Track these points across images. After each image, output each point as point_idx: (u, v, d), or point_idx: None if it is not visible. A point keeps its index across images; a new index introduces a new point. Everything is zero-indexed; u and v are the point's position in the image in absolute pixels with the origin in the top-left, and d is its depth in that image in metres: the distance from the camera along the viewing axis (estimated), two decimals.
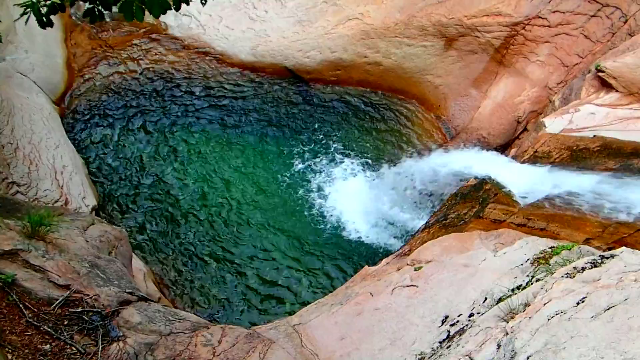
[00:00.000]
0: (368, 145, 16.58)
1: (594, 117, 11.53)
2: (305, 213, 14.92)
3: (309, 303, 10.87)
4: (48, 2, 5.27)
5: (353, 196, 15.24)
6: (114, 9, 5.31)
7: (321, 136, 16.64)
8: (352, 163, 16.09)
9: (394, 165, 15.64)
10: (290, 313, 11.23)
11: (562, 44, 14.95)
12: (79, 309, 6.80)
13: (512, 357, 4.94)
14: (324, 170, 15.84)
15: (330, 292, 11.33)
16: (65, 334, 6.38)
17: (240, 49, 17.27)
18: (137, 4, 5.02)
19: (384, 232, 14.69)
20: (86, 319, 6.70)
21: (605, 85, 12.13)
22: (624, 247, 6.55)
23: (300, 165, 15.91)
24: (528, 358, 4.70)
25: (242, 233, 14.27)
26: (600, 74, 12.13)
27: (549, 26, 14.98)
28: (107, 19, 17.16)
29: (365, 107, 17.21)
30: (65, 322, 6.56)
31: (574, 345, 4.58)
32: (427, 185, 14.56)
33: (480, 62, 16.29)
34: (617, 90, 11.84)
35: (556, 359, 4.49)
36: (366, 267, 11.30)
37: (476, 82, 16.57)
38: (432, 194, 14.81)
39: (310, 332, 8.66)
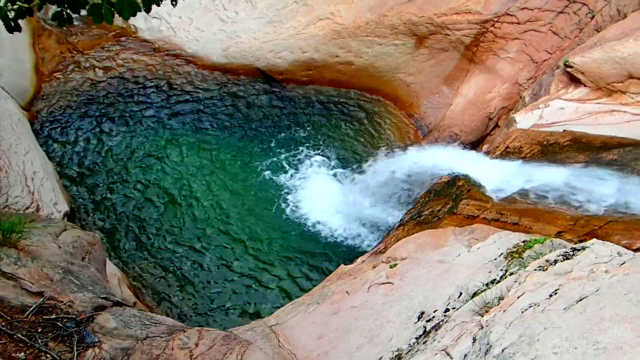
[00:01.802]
0: (341, 144, 16.61)
1: (563, 112, 11.66)
2: (280, 213, 14.91)
3: (286, 303, 10.87)
4: (15, 6, 5.21)
5: (326, 195, 15.25)
6: (83, 11, 5.25)
7: (294, 136, 16.64)
8: (325, 162, 16.10)
9: (367, 164, 15.67)
10: (267, 313, 11.23)
11: (531, 40, 15.11)
12: (53, 316, 6.73)
13: (487, 351, 4.97)
14: (297, 170, 15.84)
15: (307, 291, 11.34)
16: (40, 341, 6.30)
17: (211, 51, 17.23)
18: (106, 6, 4.97)
19: (358, 230, 14.72)
20: (61, 325, 6.62)
21: (574, 80, 12.27)
22: (594, 239, 6.62)
23: (274, 166, 15.89)
24: (503, 351, 4.74)
25: (216, 235, 14.23)
26: (568, 69, 12.27)
27: (517, 23, 15.13)
28: (76, 23, 17.01)
29: (337, 107, 17.24)
30: (40, 330, 6.48)
31: (548, 336, 4.63)
32: (401, 182, 14.61)
33: (451, 59, 16.40)
34: (585, 85, 11.98)
35: (531, 351, 4.53)
36: (342, 265, 11.33)
37: (447, 80, 16.67)
38: (406, 191, 14.87)
39: (288, 332, 8.66)
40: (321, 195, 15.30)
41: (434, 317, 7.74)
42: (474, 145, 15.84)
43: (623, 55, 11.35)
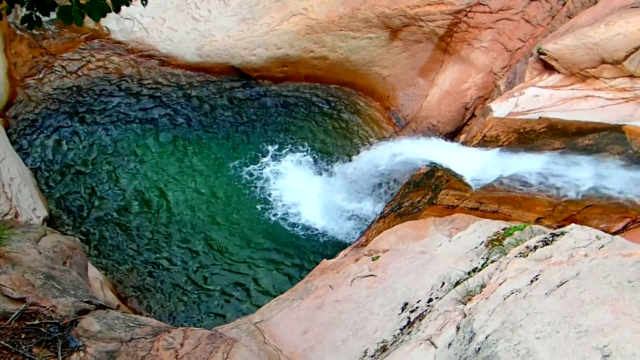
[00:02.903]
0: (319, 139, 16.62)
1: (538, 99, 11.74)
2: (260, 211, 14.91)
3: (270, 300, 10.87)
4: None
5: (306, 191, 15.26)
6: (53, 14, 5.22)
7: (272, 133, 16.61)
8: (304, 158, 16.12)
9: (346, 158, 15.71)
10: (252, 311, 11.22)
11: (504, 29, 15.19)
12: (36, 322, 6.68)
13: (471, 338, 5.01)
14: (276, 167, 15.83)
15: (290, 287, 11.36)
16: (24, 347, 6.26)
17: (185, 50, 17.13)
18: (76, 8, 4.94)
19: (339, 224, 14.76)
20: (44, 330, 6.58)
21: (547, 67, 12.35)
22: (573, 224, 6.68)
23: (252, 164, 15.87)
24: (487, 338, 4.77)
25: (197, 235, 14.20)
26: (542, 56, 12.35)
27: (490, 12, 15.21)
28: (48, 26, 16.85)
29: (314, 102, 17.24)
30: (23, 336, 6.44)
31: (530, 322, 4.67)
32: (380, 175, 14.65)
33: (426, 51, 16.45)
34: (559, 72, 12.07)
35: (514, 337, 4.57)
36: (324, 260, 11.34)
37: (423, 71, 16.73)
38: (385, 184, 14.92)
39: (273, 329, 8.67)
40: (299, 190, 15.31)
41: (417, 307, 7.78)
42: (452, 135, 15.92)
43: (595, 40, 11.45)
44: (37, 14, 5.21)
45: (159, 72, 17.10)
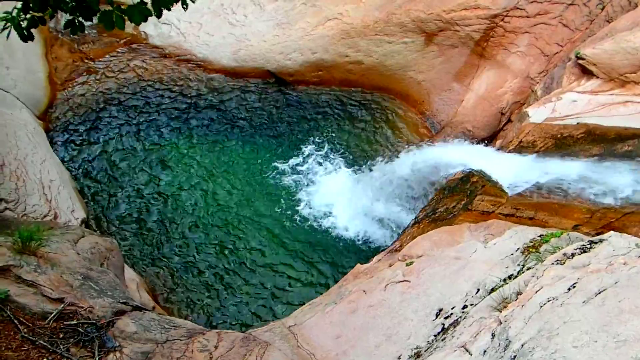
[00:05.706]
0: (353, 143, 16.60)
1: (576, 104, 11.61)
2: (294, 215, 14.92)
3: (303, 304, 10.89)
4: (28, 16, 5.28)
5: (341, 195, 15.25)
6: (94, 19, 5.31)
7: (306, 137, 16.64)
8: (339, 162, 16.09)
9: (381, 162, 15.65)
10: (285, 314, 11.25)
11: (542, 33, 15.05)
12: (74, 322, 6.79)
13: (506, 346, 4.98)
14: (310, 171, 15.84)
15: (324, 292, 11.36)
16: (62, 347, 6.37)
17: (221, 55, 17.28)
18: (117, 13, 5.03)
19: (373, 229, 14.71)
20: (81, 330, 6.69)
21: (585, 72, 12.22)
22: (612, 232, 6.60)
23: (286, 167, 15.90)
24: (522, 345, 4.74)
25: (232, 238, 14.26)
26: (580, 61, 12.22)
27: (527, 17, 15.07)
28: (87, 31, 17.12)
29: (348, 106, 17.23)
30: (61, 335, 6.55)
31: (567, 330, 4.63)
32: (415, 180, 14.59)
33: (461, 55, 16.35)
34: (597, 77, 11.93)
35: (550, 345, 4.53)
36: (358, 265, 11.32)
37: (458, 76, 16.63)
38: (420, 189, 14.85)
39: (306, 333, 8.69)
40: (333, 194, 15.30)
41: (452, 313, 7.74)
42: (487, 140, 15.81)
43: (635, 45, 11.30)
44: (80, 19, 5.31)
45: (196, 77, 17.26)
